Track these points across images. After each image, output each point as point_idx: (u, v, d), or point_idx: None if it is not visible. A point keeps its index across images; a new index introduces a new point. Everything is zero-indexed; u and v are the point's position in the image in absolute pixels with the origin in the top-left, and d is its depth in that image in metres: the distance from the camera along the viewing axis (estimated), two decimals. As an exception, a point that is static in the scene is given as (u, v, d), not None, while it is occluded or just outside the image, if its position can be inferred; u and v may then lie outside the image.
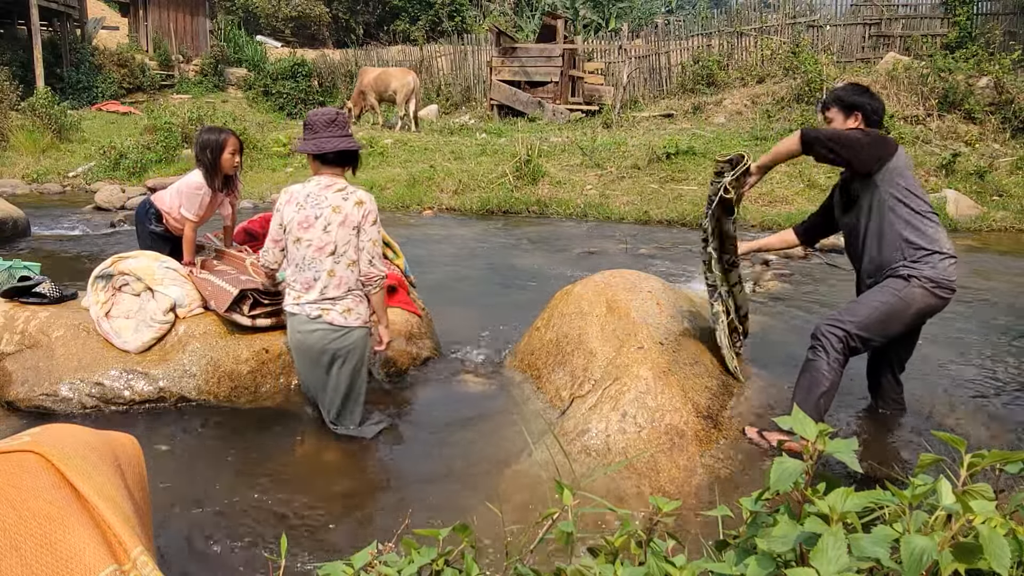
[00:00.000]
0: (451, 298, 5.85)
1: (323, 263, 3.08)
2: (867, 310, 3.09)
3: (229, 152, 4.12)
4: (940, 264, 3.02)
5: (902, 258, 3.06)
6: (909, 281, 3.02)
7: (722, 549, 1.31)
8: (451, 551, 1.37)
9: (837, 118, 3.23)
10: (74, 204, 10.72)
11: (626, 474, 3.02)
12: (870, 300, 3.12)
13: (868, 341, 3.12)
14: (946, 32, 15.31)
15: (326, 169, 3.13)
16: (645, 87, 17.40)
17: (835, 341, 3.08)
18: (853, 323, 3.07)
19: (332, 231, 3.05)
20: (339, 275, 3.09)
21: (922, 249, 3.03)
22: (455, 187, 11.07)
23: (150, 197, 4.44)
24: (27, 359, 3.72)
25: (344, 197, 3.07)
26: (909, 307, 3.04)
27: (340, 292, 3.10)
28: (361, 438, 3.35)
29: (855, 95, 3.22)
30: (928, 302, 3.04)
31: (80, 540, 1.45)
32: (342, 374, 3.20)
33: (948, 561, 1.03)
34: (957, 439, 1.22)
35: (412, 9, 26.61)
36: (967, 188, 9.97)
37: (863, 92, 3.25)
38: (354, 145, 3.14)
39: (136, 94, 19.85)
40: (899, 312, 3.05)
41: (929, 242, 3.04)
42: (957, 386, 3.95)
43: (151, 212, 4.33)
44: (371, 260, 3.09)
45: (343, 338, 3.14)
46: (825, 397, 3.10)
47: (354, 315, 3.14)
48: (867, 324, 3.07)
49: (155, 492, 2.13)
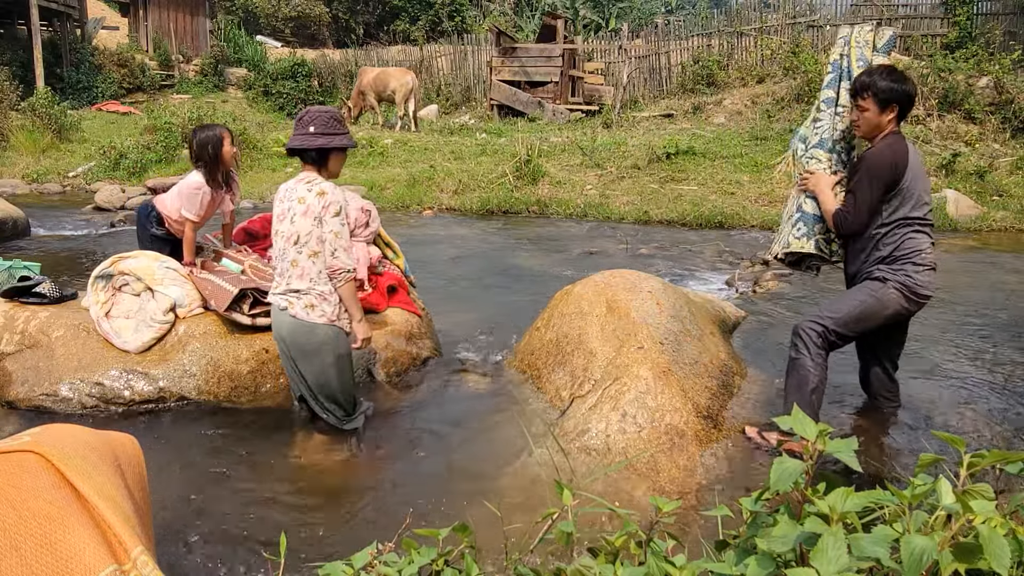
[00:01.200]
0: (451, 298, 5.85)
1: (288, 253, 3.14)
2: (846, 308, 3.19)
3: (227, 144, 4.16)
4: (916, 274, 3.10)
5: (879, 262, 3.15)
6: (885, 283, 3.13)
7: (722, 549, 1.31)
8: (451, 551, 1.37)
9: (872, 109, 3.07)
10: (74, 204, 10.72)
11: (626, 474, 3.02)
12: (849, 299, 3.23)
13: (845, 336, 3.23)
14: (946, 32, 15.30)
15: (305, 166, 3.19)
16: (645, 87, 17.40)
17: (815, 337, 3.17)
18: (832, 319, 3.18)
19: (296, 221, 3.10)
20: (301, 265, 3.12)
21: (901, 259, 3.11)
22: (455, 187, 11.07)
23: (151, 200, 4.44)
24: (27, 359, 3.72)
25: (309, 188, 3.10)
26: (885, 308, 3.14)
27: (304, 285, 3.12)
28: (354, 433, 3.40)
29: (893, 83, 3.02)
30: (902, 305, 3.14)
31: (80, 540, 1.45)
32: (310, 370, 3.21)
33: (948, 561, 1.03)
34: (957, 439, 1.22)
35: (412, 9, 26.61)
36: (967, 188, 9.97)
37: (900, 79, 3.04)
38: (310, 144, 3.11)
39: (136, 94, 19.86)
40: (875, 311, 3.15)
41: (908, 252, 3.10)
42: (957, 386, 3.95)
43: (152, 215, 4.33)
44: (334, 252, 3.09)
45: (308, 334, 3.14)
46: (816, 393, 3.17)
47: (317, 312, 3.13)
48: (845, 321, 3.17)
49: (155, 492, 2.13)
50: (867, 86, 3.06)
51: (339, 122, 3.18)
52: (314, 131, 3.11)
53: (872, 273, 3.16)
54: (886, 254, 3.13)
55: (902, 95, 3.03)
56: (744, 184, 10.75)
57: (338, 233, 3.09)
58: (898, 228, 3.10)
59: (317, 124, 3.11)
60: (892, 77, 3.04)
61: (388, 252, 4.76)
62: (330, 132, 3.13)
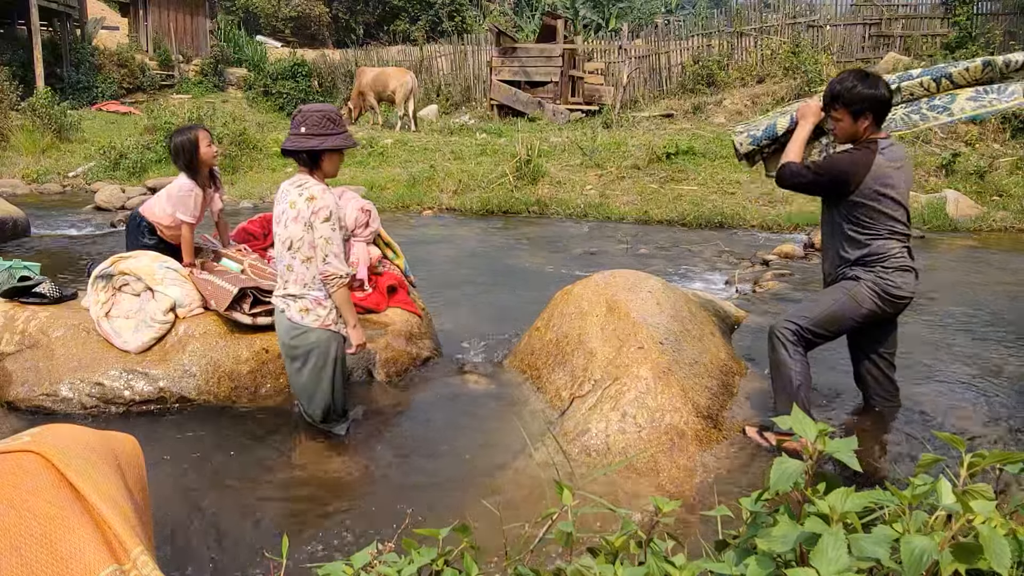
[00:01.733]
0: (451, 298, 5.86)
1: (284, 257, 3.15)
2: (820, 307, 3.21)
3: (205, 145, 4.10)
4: (887, 275, 3.10)
5: (850, 264, 3.17)
6: (858, 282, 3.14)
7: (722, 549, 1.30)
8: (451, 551, 1.37)
9: (845, 119, 3.03)
10: (74, 204, 10.72)
11: (626, 474, 3.02)
12: (823, 298, 3.25)
13: (821, 335, 3.22)
14: (946, 32, 15.30)
15: (299, 167, 3.16)
16: (645, 87, 17.40)
17: (789, 335, 3.18)
18: (806, 319, 3.19)
19: (289, 226, 3.08)
20: (296, 270, 3.12)
21: (871, 262, 3.12)
22: (455, 187, 11.06)
23: (138, 211, 4.33)
24: (27, 359, 3.72)
25: (300, 193, 3.07)
26: (860, 307, 3.13)
27: (298, 289, 3.13)
28: (354, 434, 3.42)
29: (863, 90, 2.95)
30: (877, 304, 3.13)
31: (80, 540, 1.45)
32: (303, 372, 3.23)
33: (948, 561, 1.03)
34: (957, 439, 1.22)
35: (412, 9, 26.62)
36: (967, 188, 9.96)
37: (870, 85, 2.97)
38: (301, 145, 3.05)
39: (136, 94, 19.86)
40: (850, 310, 3.15)
41: (878, 255, 3.11)
42: (957, 386, 3.94)
43: (143, 226, 4.24)
44: (325, 258, 3.06)
45: (301, 337, 3.16)
46: (804, 389, 3.17)
47: (312, 316, 3.13)
48: (818, 320, 3.18)
49: (155, 492, 2.13)
50: (837, 96, 3.01)
51: (333, 121, 3.10)
52: (306, 132, 3.05)
53: (846, 274, 3.19)
54: (854, 258, 3.15)
55: (873, 102, 2.97)
56: (744, 184, 10.75)
57: (328, 239, 3.04)
58: (863, 232, 3.11)
59: (309, 124, 3.05)
60: (862, 84, 2.97)
61: (388, 252, 4.76)
62: (323, 133, 3.06)
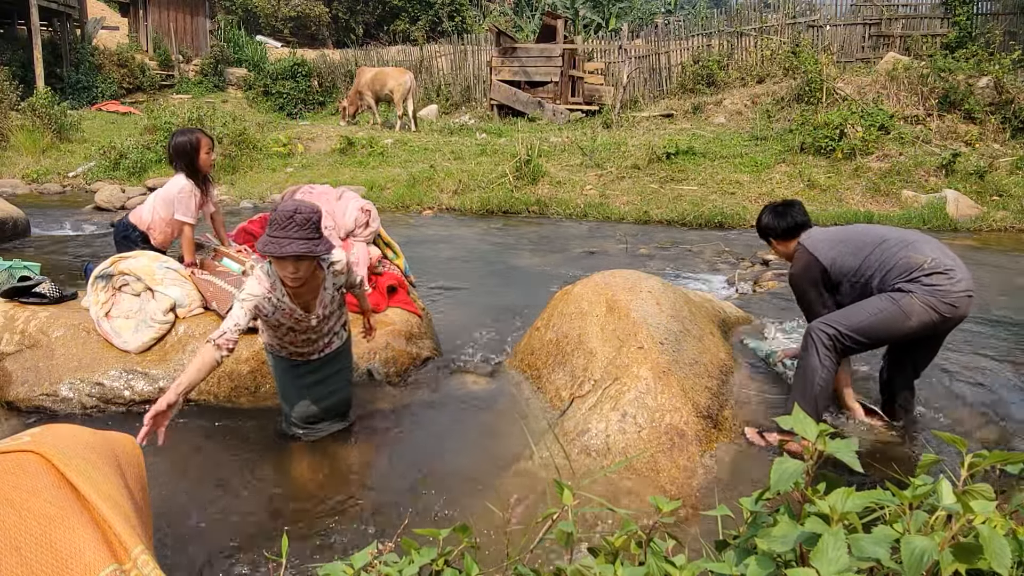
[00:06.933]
0: (451, 298, 5.86)
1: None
2: (863, 315, 3.13)
3: (204, 151, 4.13)
4: (928, 280, 3.03)
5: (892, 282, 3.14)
6: (908, 294, 3.05)
7: (722, 549, 1.30)
8: (451, 551, 1.37)
9: (779, 247, 3.50)
10: (74, 204, 10.72)
11: (626, 474, 3.02)
12: (868, 305, 3.16)
13: (861, 343, 3.16)
14: (946, 32, 15.30)
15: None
16: (645, 87, 17.40)
17: (825, 339, 3.14)
18: (846, 325, 3.13)
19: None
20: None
21: (908, 279, 3.10)
22: (455, 187, 11.06)
23: (127, 220, 4.28)
24: (27, 359, 3.72)
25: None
26: (908, 318, 3.04)
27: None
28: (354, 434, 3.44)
29: (785, 220, 3.41)
30: (930, 314, 3.03)
31: (80, 540, 1.45)
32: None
33: (948, 561, 1.03)
34: (957, 439, 1.22)
35: (412, 9, 26.62)
36: (967, 188, 9.96)
37: (785, 212, 3.43)
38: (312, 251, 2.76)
39: (136, 94, 19.87)
40: (896, 320, 3.06)
41: (906, 271, 3.11)
42: (957, 386, 3.94)
43: (133, 236, 4.20)
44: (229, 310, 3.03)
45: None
46: (821, 395, 3.14)
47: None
48: (860, 328, 3.11)
49: (155, 492, 2.13)
50: (767, 232, 3.50)
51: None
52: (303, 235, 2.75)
53: (893, 286, 3.10)
54: (889, 280, 3.13)
55: (793, 225, 3.41)
56: (744, 184, 10.75)
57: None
58: (884, 281, 3.15)
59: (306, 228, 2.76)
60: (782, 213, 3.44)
61: (388, 252, 4.76)
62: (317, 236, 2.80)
